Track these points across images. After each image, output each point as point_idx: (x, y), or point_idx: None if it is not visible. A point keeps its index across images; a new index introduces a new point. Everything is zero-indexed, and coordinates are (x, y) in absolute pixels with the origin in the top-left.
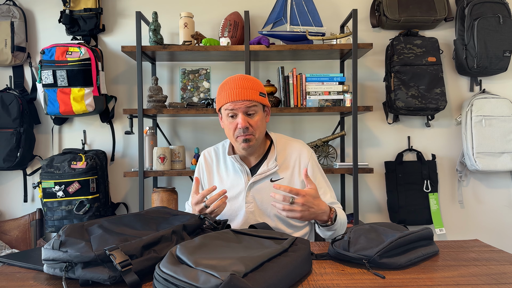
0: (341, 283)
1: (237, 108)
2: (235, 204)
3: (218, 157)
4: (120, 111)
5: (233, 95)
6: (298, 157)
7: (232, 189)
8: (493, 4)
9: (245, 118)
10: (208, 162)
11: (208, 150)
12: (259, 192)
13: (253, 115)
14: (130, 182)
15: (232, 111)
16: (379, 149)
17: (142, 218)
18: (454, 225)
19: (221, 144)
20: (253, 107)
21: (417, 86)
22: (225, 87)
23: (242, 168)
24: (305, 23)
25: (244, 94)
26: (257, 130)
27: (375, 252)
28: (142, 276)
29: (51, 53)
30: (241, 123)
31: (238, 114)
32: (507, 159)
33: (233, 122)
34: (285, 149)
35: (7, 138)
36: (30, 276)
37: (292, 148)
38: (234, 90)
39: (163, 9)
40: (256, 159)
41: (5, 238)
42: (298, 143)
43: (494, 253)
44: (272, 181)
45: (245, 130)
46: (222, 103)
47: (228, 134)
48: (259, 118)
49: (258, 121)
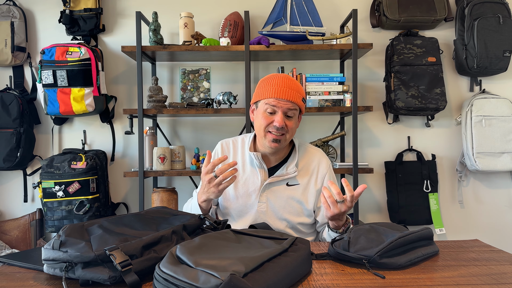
0: (341, 283)
1: (279, 106)
2: (247, 201)
3: (236, 149)
4: (120, 111)
5: (279, 92)
6: (317, 166)
7: (245, 185)
8: (493, 4)
9: (283, 118)
10: (225, 151)
11: (226, 140)
12: (273, 194)
13: (291, 118)
14: (130, 182)
15: (273, 107)
16: (379, 149)
17: (142, 218)
18: (454, 225)
19: (241, 138)
20: (293, 110)
21: (417, 86)
22: (270, 81)
23: (260, 166)
24: (305, 23)
25: (290, 94)
26: (289, 133)
27: (375, 252)
28: (142, 276)
29: (51, 53)
30: (279, 121)
31: (277, 112)
32: (507, 159)
33: (269, 118)
34: (306, 157)
35: (7, 138)
36: (30, 276)
37: (312, 156)
38: (281, 87)
39: (163, 9)
40: (276, 161)
41: (5, 238)
42: (319, 151)
43: (494, 253)
44: (288, 185)
45: (279, 129)
46: (264, 97)
47: (260, 126)
48: (294, 122)
49: (293, 124)
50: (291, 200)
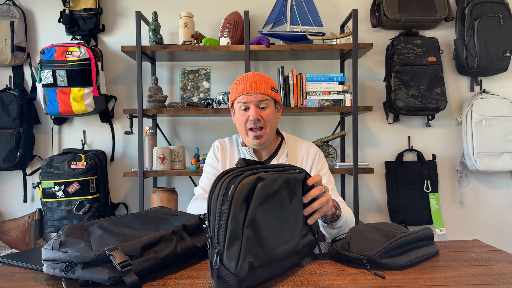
0: (341, 283)
1: (249, 100)
2: None
3: (233, 147)
4: (120, 111)
5: (246, 88)
6: (306, 152)
7: None
8: (493, 4)
9: (257, 110)
10: (224, 148)
11: (220, 140)
12: None
13: (265, 108)
14: (130, 182)
15: (244, 104)
16: (379, 149)
17: (142, 218)
18: (454, 225)
19: (234, 136)
20: (265, 101)
21: (417, 86)
22: (238, 82)
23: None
24: (305, 23)
25: (256, 87)
26: (268, 124)
27: (376, 252)
28: (142, 277)
29: (51, 53)
30: (253, 114)
31: (250, 106)
32: (507, 159)
33: (245, 115)
34: (295, 147)
35: (7, 138)
36: (30, 276)
37: (301, 146)
38: (247, 83)
39: (163, 9)
40: (267, 154)
41: (5, 238)
42: (306, 142)
43: (494, 253)
44: None
45: (256, 122)
46: (235, 97)
47: (240, 128)
48: (270, 112)
49: (270, 115)
50: None
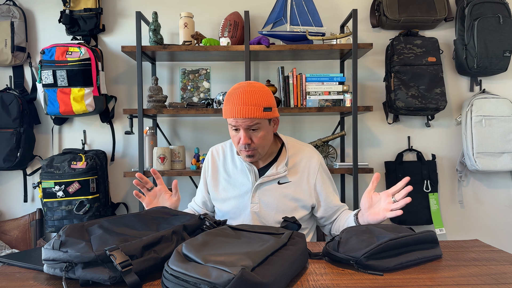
0: (341, 283)
1: (238, 125)
2: (240, 203)
3: (226, 154)
4: (120, 111)
5: (235, 112)
6: (308, 163)
7: (237, 187)
8: (493, 4)
9: (247, 135)
10: (215, 159)
11: (216, 147)
12: (265, 194)
13: (256, 130)
14: (130, 182)
15: (235, 126)
16: (379, 149)
17: (142, 218)
18: (454, 225)
19: (229, 142)
20: (256, 124)
21: (417, 86)
22: (229, 99)
23: (250, 168)
24: (305, 23)
25: (246, 111)
26: (259, 146)
27: (362, 253)
28: (142, 277)
29: (51, 53)
30: (242, 140)
31: (240, 130)
32: (507, 159)
33: (236, 135)
34: (296, 154)
35: (7, 138)
36: (30, 276)
37: (303, 153)
38: (236, 106)
39: (163, 9)
40: (264, 162)
41: (5, 238)
42: (309, 147)
43: (494, 253)
44: (279, 183)
45: (246, 147)
46: (226, 116)
47: (233, 142)
48: (263, 134)
49: (261, 137)
50: (284, 198)
